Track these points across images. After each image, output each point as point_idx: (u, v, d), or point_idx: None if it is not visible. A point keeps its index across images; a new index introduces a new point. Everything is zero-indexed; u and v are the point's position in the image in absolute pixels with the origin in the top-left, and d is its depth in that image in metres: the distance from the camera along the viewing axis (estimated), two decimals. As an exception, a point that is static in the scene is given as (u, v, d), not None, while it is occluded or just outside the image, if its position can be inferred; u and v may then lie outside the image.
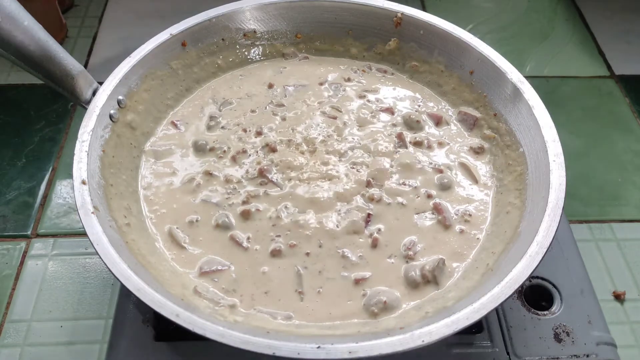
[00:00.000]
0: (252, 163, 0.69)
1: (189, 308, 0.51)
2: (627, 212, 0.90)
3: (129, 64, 0.70)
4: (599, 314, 0.65)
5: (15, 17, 0.60)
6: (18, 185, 0.90)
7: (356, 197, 0.66)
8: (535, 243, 0.55)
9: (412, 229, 0.64)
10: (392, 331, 0.51)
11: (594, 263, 0.83)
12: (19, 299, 0.77)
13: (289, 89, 0.79)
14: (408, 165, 0.69)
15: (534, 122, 0.66)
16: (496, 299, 0.51)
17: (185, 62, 0.77)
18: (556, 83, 1.11)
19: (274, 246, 0.61)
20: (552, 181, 0.60)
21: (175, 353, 0.61)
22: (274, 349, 0.48)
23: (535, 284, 0.67)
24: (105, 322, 0.75)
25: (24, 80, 1.05)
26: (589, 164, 0.96)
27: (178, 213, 0.65)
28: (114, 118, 0.67)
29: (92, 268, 0.80)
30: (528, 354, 0.61)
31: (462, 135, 0.74)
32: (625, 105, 1.07)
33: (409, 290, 0.59)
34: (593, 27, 1.22)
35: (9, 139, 0.97)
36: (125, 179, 0.66)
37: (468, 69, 0.76)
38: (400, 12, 0.79)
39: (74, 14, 1.21)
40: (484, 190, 0.69)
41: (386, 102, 0.78)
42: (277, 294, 0.58)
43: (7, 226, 0.85)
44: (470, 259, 0.62)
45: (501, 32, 1.22)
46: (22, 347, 0.73)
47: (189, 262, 0.61)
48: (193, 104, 0.77)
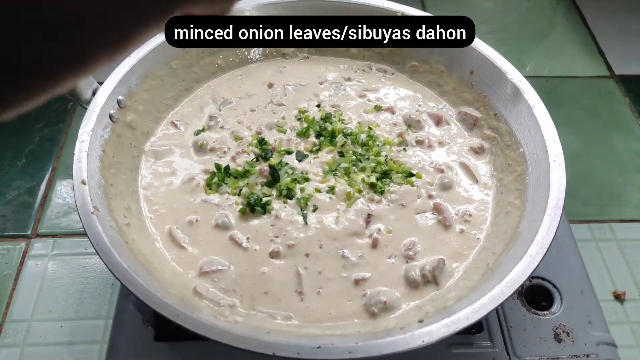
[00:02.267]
0: (252, 163, 0.69)
1: (189, 308, 0.51)
2: (627, 212, 0.90)
3: (129, 64, 0.70)
4: (599, 314, 0.65)
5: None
6: (18, 185, 0.90)
7: (357, 197, 0.66)
8: (535, 243, 0.55)
9: (413, 229, 0.64)
10: (392, 331, 0.51)
11: (594, 263, 0.83)
12: (19, 299, 0.77)
13: (289, 88, 0.79)
14: (409, 164, 0.69)
15: (534, 122, 0.66)
16: (496, 299, 0.51)
17: (185, 62, 0.77)
18: (556, 83, 1.11)
19: (273, 247, 0.61)
20: (552, 181, 0.60)
21: (175, 353, 0.61)
22: (274, 349, 0.48)
23: (535, 284, 0.67)
24: (105, 322, 0.75)
25: (24, 80, 1.05)
26: (589, 164, 0.96)
27: (178, 213, 0.65)
28: (114, 118, 0.67)
29: (92, 268, 0.80)
30: (528, 354, 0.61)
31: (462, 135, 0.74)
32: (625, 105, 1.07)
33: (409, 290, 0.59)
34: (593, 27, 1.22)
35: (9, 139, 0.97)
36: (125, 179, 0.66)
37: (468, 69, 0.76)
38: (400, 12, 0.79)
39: (74, 13, 1.21)
40: (484, 190, 0.69)
41: (386, 102, 0.78)
42: (277, 294, 0.58)
43: (7, 226, 0.85)
44: (470, 259, 0.62)
45: (501, 32, 1.22)
46: (22, 347, 0.73)
47: (189, 262, 0.61)
48: (193, 103, 0.77)
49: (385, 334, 0.50)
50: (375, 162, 0.68)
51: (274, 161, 0.68)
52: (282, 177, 0.66)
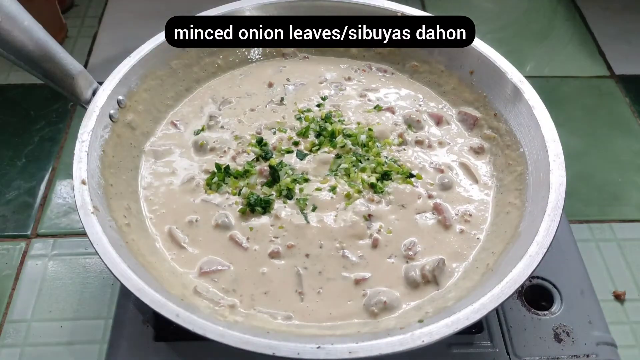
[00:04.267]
0: (252, 163, 0.69)
1: (189, 308, 0.51)
2: (627, 212, 0.90)
3: (129, 64, 0.70)
4: (599, 314, 0.65)
5: (15, 17, 0.61)
6: (18, 185, 0.90)
7: (357, 198, 0.66)
8: (535, 243, 0.55)
9: (413, 229, 0.64)
10: (392, 331, 0.51)
11: (594, 263, 0.83)
12: (19, 299, 0.77)
13: (289, 87, 0.79)
14: (409, 164, 0.69)
15: (534, 122, 0.66)
16: (496, 299, 0.51)
17: (185, 62, 0.77)
18: (556, 83, 1.11)
19: (273, 247, 0.61)
20: (552, 181, 0.60)
21: (175, 353, 0.61)
22: (274, 349, 0.48)
23: (535, 284, 0.67)
24: (105, 322, 0.75)
25: (24, 80, 1.05)
26: (589, 164, 0.96)
27: (178, 213, 0.65)
28: (114, 118, 0.67)
29: (92, 268, 0.80)
30: (528, 354, 0.62)
31: (462, 135, 0.74)
32: (625, 105, 1.07)
33: (409, 290, 0.59)
34: (593, 27, 1.22)
35: (9, 139, 0.97)
36: (125, 179, 0.66)
37: (468, 69, 0.76)
38: (400, 12, 0.79)
39: (74, 14, 1.21)
40: (484, 190, 0.69)
41: (387, 102, 0.78)
42: (277, 294, 0.58)
43: (7, 226, 0.85)
44: (470, 259, 0.62)
45: (501, 32, 1.22)
46: (22, 347, 0.73)
47: (188, 262, 0.61)
48: (193, 103, 0.77)
49: (385, 334, 0.50)
50: (375, 163, 0.68)
51: (274, 161, 0.68)
52: (282, 177, 0.66)
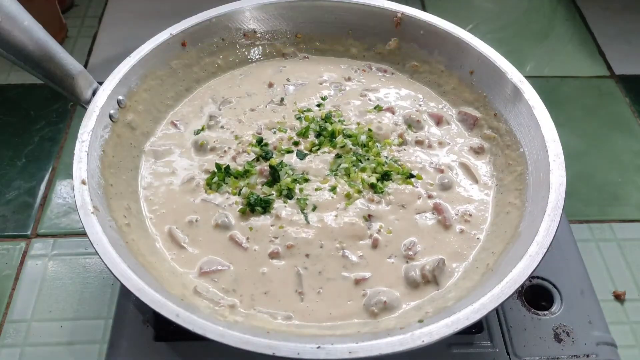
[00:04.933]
0: (252, 163, 0.69)
1: (189, 308, 0.51)
2: (627, 212, 0.90)
3: (129, 64, 0.70)
4: (599, 314, 0.65)
5: (15, 17, 0.60)
6: (18, 185, 0.90)
7: (357, 198, 0.66)
8: (535, 243, 0.55)
9: (413, 229, 0.64)
10: (392, 331, 0.51)
11: (594, 263, 0.83)
12: (19, 299, 0.77)
13: (289, 87, 0.79)
14: (409, 164, 0.69)
15: (534, 122, 0.66)
16: (496, 299, 0.51)
17: (185, 62, 0.77)
18: (556, 83, 1.11)
19: (273, 247, 0.61)
20: (552, 181, 0.60)
21: (175, 353, 0.61)
22: (274, 349, 0.48)
23: (535, 284, 0.67)
24: (105, 322, 0.75)
25: (24, 80, 1.04)
26: (589, 164, 0.96)
27: (178, 213, 0.65)
28: (114, 118, 0.67)
29: (92, 268, 0.80)
30: (528, 354, 0.61)
31: (462, 135, 0.74)
32: (625, 105, 1.07)
33: (409, 290, 0.59)
34: (593, 27, 1.22)
35: (9, 139, 0.97)
36: (125, 179, 0.66)
37: (468, 69, 0.76)
38: (400, 12, 0.79)
39: (74, 14, 1.21)
40: (484, 190, 0.69)
41: (387, 102, 0.78)
42: (277, 294, 0.58)
43: (7, 226, 0.85)
44: (470, 259, 0.62)
45: (501, 32, 1.21)
46: (22, 347, 0.73)
47: (189, 262, 0.61)
48: (193, 103, 0.77)
49: (385, 334, 0.50)
50: (375, 163, 0.68)
51: (275, 161, 0.68)
52: (282, 177, 0.66)
